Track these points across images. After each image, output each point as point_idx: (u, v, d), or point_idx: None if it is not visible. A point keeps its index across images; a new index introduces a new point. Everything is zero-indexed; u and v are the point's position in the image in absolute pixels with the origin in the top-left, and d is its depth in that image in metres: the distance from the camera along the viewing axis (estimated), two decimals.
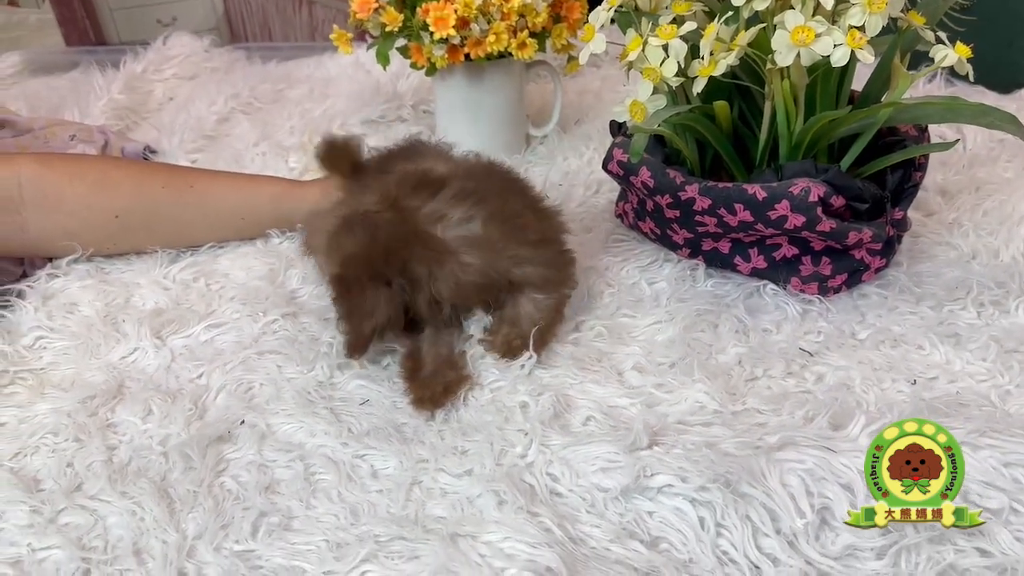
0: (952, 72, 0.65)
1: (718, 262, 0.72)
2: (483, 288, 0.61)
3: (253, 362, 0.65)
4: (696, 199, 0.67)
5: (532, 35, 0.86)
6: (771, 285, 0.70)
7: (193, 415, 0.60)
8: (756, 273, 0.71)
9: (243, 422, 0.59)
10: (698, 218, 0.68)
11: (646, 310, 0.68)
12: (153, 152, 1.00)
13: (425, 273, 0.58)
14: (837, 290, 0.70)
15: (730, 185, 0.66)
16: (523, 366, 0.61)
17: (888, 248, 0.71)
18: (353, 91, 1.14)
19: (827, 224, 0.64)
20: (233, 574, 0.48)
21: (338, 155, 0.70)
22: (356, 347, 0.58)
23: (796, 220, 0.64)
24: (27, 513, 0.52)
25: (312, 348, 0.66)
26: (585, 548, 0.48)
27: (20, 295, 0.72)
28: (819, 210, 0.63)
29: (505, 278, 0.62)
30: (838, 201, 0.65)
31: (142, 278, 0.75)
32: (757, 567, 0.48)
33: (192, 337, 0.68)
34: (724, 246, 0.71)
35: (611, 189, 0.86)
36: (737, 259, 0.71)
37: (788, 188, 0.63)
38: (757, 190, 0.64)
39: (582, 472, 0.52)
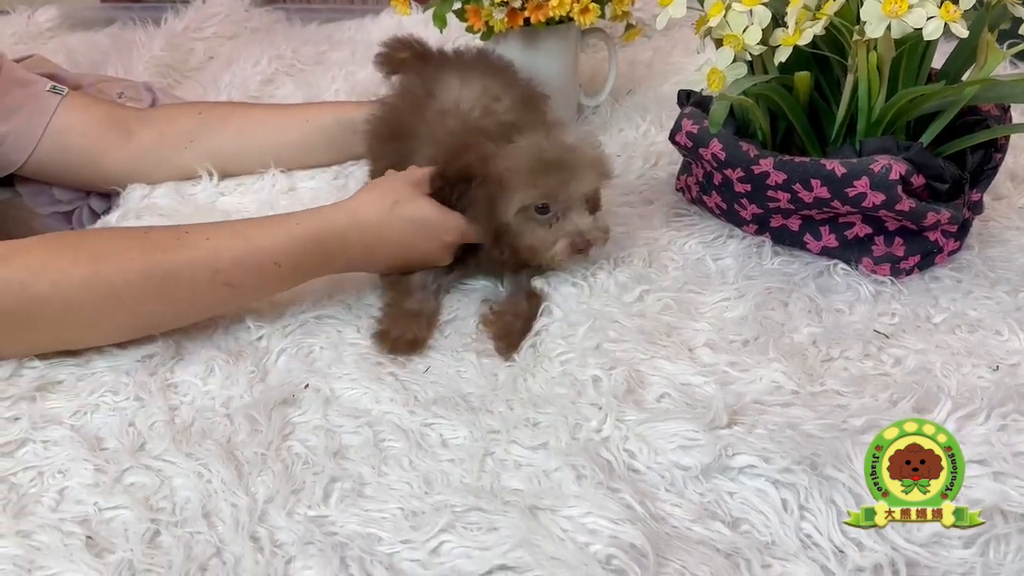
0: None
1: (787, 239, 0.70)
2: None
3: (312, 326, 0.64)
4: (770, 173, 0.65)
5: (594, 0, 0.84)
6: (841, 265, 0.68)
7: (255, 377, 0.59)
8: (826, 252, 0.69)
9: (307, 386, 0.57)
10: (770, 193, 0.66)
11: (713, 286, 0.67)
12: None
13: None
14: (909, 272, 0.68)
15: (807, 160, 0.64)
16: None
17: (962, 231, 0.69)
18: None
19: (906, 203, 0.62)
20: (307, 539, 0.46)
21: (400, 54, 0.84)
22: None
23: (875, 198, 0.62)
24: (92, 472, 0.51)
25: (370, 315, 0.65)
26: (667, 527, 0.47)
27: None
28: (899, 188, 0.61)
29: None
30: (918, 180, 0.63)
31: None
32: (841, 551, 0.46)
33: None
34: (794, 223, 0.69)
35: (670, 162, 0.84)
36: (807, 237, 0.69)
37: (869, 165, 0.61)
38: (836, 166, 0.62)
39: (660, 449, 0.51)
